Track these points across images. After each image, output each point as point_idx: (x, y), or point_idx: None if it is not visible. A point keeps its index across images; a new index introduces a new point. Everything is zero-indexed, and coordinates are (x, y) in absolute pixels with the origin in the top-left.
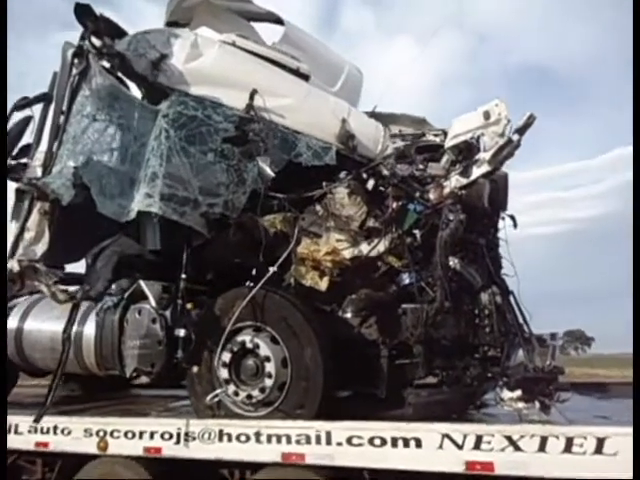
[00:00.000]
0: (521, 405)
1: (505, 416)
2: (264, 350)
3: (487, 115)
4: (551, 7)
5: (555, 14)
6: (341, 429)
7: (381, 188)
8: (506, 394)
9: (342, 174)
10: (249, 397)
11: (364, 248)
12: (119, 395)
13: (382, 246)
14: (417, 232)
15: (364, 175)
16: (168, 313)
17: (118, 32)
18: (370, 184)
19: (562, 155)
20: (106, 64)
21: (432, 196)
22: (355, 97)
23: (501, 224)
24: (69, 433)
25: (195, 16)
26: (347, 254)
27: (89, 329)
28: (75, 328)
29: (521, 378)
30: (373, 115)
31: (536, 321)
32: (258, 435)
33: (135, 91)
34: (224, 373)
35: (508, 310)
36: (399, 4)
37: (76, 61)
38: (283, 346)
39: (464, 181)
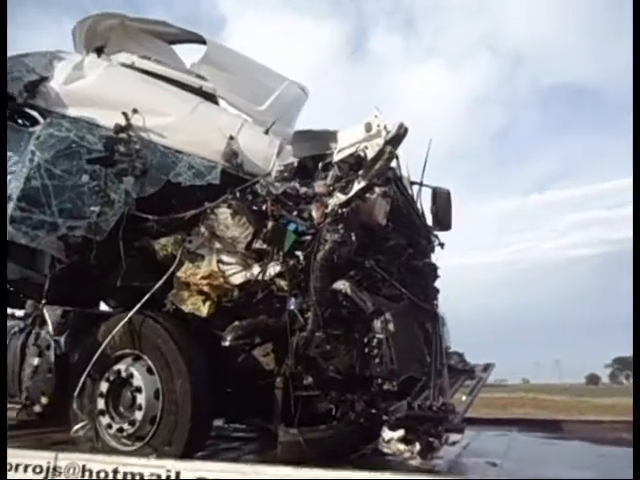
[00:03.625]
0: (402, 447)
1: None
2: (137, 380)
3: (369, 127)
4: (587, 25)
5: (591, 33)
6: (190, 470)
7: (255, 207)
8: (387, 434)
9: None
10: (120, 430)
11: (255, 271)
12: None
13: (272, 269)
14: (300, 254)
15: (239, 194)
16: (63, 339)
17: None
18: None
19: (604, 173)
20: None
21: (315, 215)
22: (291, 115)
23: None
24: None
25: (110, 39)
26: (238, 278)
27: None
28: None
29: (403, 416)
30: (313, 134)
31: (579, 348)
32: (115, 473)
33: None
34: (100, 404)
35: (431, 339)
36: (428, 29)
37: None
38: (157, 377)
39: (343, 198)
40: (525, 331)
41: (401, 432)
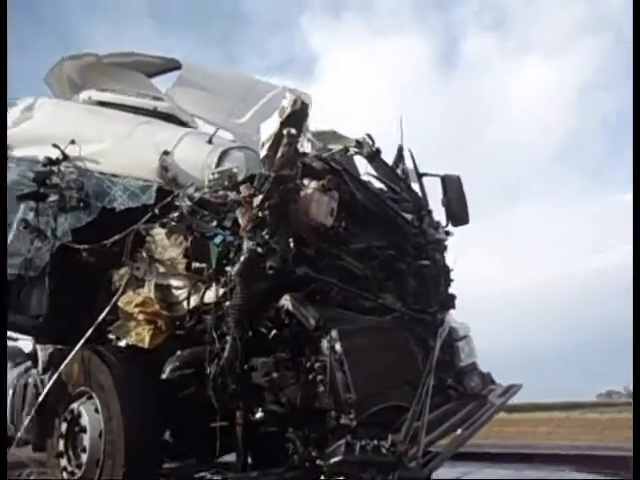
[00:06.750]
0: None
1: None
2: (84, 420)
3: (282, 112)
4: None
5: None
6: None
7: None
8: None
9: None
10: (72, 474)
11: (201, 294)
12: None
13: (216, 290)
14: (230, 269)
15: (158, 211)
16: (47, 378)
17: None
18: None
19: None
20: None
21: (241, 222)
22: None
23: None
24: None
25: (88, 79)
26: (191, 302)
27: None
28: None
29: (340, 462)
30: None
31: None
32: None
33: None
34: (60, 445)
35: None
36: (522, 22)
37: None
38: (101, 416)
39: (261, 197)
40: None
41: None
